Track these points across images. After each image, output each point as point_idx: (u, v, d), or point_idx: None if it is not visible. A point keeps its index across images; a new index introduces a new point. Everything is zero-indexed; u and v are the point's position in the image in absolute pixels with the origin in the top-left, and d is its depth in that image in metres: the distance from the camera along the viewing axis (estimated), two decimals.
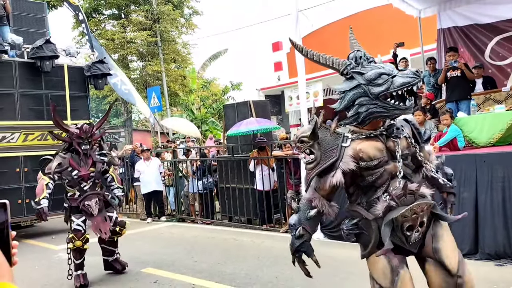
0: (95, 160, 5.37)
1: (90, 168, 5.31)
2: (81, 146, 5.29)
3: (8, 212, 0.73)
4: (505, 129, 5.77)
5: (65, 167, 5.24)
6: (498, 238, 4.91)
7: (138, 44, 19.06)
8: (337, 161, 2.32)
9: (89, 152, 5.33)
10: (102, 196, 5.39)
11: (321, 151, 2.38)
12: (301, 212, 2.49)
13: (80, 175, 5.25)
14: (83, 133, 5.30)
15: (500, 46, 8.28)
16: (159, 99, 14.85)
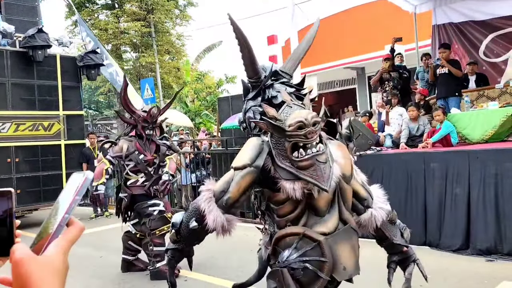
0: (158, 144, 5.24)
1: (154, 154, 5.19)
2: (145, 130, 5.12)
3: (13, 200, 0.72)
4: (498, 126, 5.80)
5: (133, 151, 5.06)
6: (490, 234, 4.95)
7: (131, 34, 18.92)
8: None
9: (151, 137, 5.19)
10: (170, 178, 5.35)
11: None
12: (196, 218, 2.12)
13: (146, 159, 5.11)
14: (149, 117, 5.13)
15: (495, 43, 8.30)
16: (152, 91, 14.76)
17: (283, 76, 2.29)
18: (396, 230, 2.41)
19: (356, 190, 2.20)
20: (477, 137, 5.94)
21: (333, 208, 2.05)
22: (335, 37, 15.58)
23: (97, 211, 9.81)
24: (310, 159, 1.87)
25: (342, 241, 2.00)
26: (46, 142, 9.21)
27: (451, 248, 5.20)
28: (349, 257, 2.01)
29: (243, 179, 2.04)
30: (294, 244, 1.97)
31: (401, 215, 5.71)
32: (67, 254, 0.77)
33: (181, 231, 2.19)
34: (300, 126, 1.84)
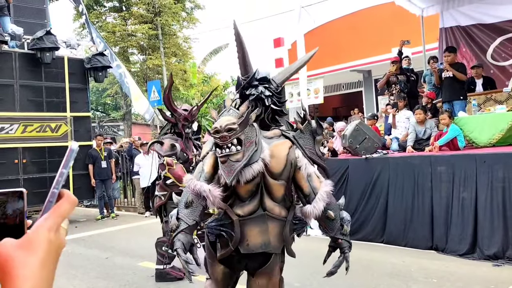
0: (195, 144, 5.25)
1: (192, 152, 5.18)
2: (185, 129, 5.08)
3: (25, 200, 0.73)
4: (505, 130, 5.75)
5: (180, 149, 5.02)
6: (497, 238, 4.91)
7: (139, 37, 19.00)
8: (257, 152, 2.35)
9: (189, 136, 5.17)
10: None
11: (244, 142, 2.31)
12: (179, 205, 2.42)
13: (187, 158, 5.09)
14: (190, 116, 5.08)
15: (504, 46, 8.24)
16: (159, 93, 14.78)
17: (270, 82, 2.61)
18: (333, 224, 2.58)
19: (301, 186, 2.49)
20: (484, 141, 5.89)
21: (254, 197, 2.43)
22: (342, 39, 15.55)
23: (103, 212, 9.86)
24: (223, 157, 2.27)
25: (252, 224, 2.43)
26: (53, 143, 9.27)
27: (458, 253, 5.16)
28: (255, 237, 2.43)
29: (208, 159, 2.49)
30: (218, 215, 2.53)
31: (408, 218, 5.71)
32: (58, 230, 0.70)
33: (180, 214, 2.42)
34: (216, 131, 2.25)
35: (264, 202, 2.44)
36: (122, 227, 8.77)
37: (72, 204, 0.74)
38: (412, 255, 5.30)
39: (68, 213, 0.73)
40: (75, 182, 9.51)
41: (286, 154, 2.41)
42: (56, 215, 0.72)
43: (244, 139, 2.28)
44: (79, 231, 8.39)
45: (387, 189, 5.93)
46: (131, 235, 7.91)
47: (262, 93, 2.52)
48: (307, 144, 2.52)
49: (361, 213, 6.19)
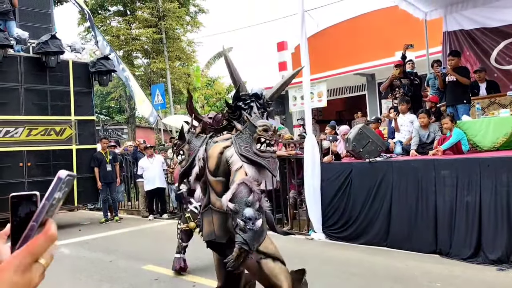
0: None
1: None
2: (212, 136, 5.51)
3: (38, 203, 0.73)
4: (509, 134, 5.75)
5: None
6: (501, 243, 4.89)
7: (143, 41, 19.07)
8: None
9: None
10: None
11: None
12: (253, 205, 2.46)
13: None
14: (215, 123, 5.36)
15: (508, 50, 8.22)
16: (163, 97, 14.88)
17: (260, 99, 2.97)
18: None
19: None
20: (488, 145, 5.88)
21: (207, 192, 2.76)
22: (345, 43, 15.56)
23: (107, 216, 9.89)
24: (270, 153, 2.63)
25: (204, 216, 2.79)
26: (57, 146, 9.33)
27: (462, 257, 5.15)
28: (206, 227, 2.78)
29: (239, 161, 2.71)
30: None
31: (412, 222, 5.70)
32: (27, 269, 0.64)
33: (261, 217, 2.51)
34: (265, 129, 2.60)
35: (209, 197, 2.74)
36: (125, 230, 8.79)
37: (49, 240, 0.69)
38: (416, 259, 5.29)
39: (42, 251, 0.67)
40: (79, 185, 9.56)
41: (218, 153, 2.69)
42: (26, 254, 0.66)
43: None
44: (83, 234, 8.42)
45: (390, 192, 5.92)
46: (135, 239, 7.93)
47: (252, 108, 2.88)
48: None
49: (365, 217, 6.18)
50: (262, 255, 2.72)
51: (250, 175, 2.53)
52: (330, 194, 6.63)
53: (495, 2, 8.18)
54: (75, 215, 10.95)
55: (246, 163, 2.55)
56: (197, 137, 2.94)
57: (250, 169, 2.56)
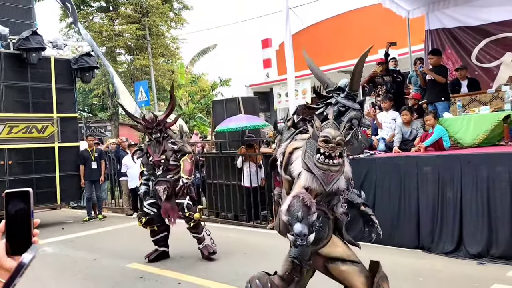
0: (166, 148, 5.63)
1: (162, 156, 5.60)
2: (152, 134, 5.63)
3: (31, 200, 0.73)
4: (489, 130, 5.86)
5: (144, 153, 5.75)
6: (481, 237, 5.00)
7: (126, 37, 18.86)
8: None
9: (161, 140, 5.62)
10: (171, 183, 5.61)
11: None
12: (305, 220, 2.40)
13: (153, 160, 5.62)
14: (147, 123, 5.60)
15: (488, 48, 8.37)
16: (146, 94, 14.75)
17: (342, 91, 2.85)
18: None
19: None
20: (469, 141, 5.99)
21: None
22: (329, 41, 15.66)
23: (91, 214, 9.79)
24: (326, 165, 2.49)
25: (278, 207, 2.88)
26: (39, 144, 9.19)
27: (444, 252, 5.25)
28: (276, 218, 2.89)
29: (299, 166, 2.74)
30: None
31: (394, 218, 5.78)
32: None
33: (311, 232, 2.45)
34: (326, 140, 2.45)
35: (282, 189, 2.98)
36: (109, 228, 8.71)
37: None
38: (399, 255, 5.37)
39: None
40: (62, 184, 9.44)
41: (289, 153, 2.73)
42: None
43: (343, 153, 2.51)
44: (66, 232, 8.33)
45: (374, 189, 5.99)
46: (119, 237, 7.87)
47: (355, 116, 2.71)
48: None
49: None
50: (329, 260, 2.71)
51: (305, 183, 2.49)
52: None
53: (476, 1, 8.32)
54: (57, 213, 10.81)
55: (305, 170, 2.52)
56: (288, 129, 2.92)
57: (307, 176, 2.51)
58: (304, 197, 2.42)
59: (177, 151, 5.67)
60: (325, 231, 2.64)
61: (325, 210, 2.65)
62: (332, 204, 2.70)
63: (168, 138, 5.66)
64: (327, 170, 2.42)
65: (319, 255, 2.66)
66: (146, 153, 5.71)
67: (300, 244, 2.36)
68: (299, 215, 2.37)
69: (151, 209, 5.75)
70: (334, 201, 2.70)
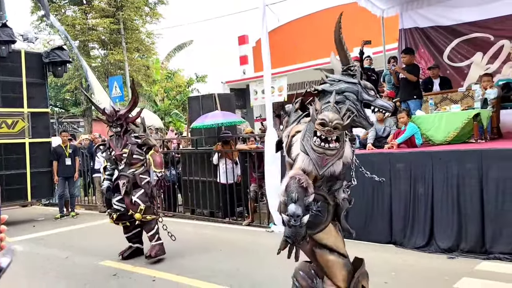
0: (128, 142, 5.53)
1: (123, 150, 5.50)
2: (112, 128, 5.56)
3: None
4: (460, 128, 6.01)
5: (107, 147, 5.71)
6: (452, 233, 5.13)
7: (100, 31, 18.49)
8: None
9: (121, 134, 5.52)
10: (131, 178, 5.50)
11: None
12: (300, 201, 2.38)
13: (114, 155, 5.56)
14: (108, 117, 5.53)
15: (460, 48, 8.59)
16: (121, 89, 14.48)
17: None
18: None
19: None
20: (440, 139, 6.14)
21: None
22: (306, 38, 15.74)
23: (63, 211, 9.59)
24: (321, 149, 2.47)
25: None
26: (9, 140, 8.93)
27: (416, 246, 5.37)
28: None
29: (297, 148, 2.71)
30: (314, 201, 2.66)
31: (368, 214, 5.87)
32: None
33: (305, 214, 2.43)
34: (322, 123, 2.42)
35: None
36: (82, 226, 8.56)
37: None
38: (373, 250, 5.46)
39: None
40: (33, 180, 9.21)
41: (291, 136, 2.69)
42: None
43: (341, 138, 2.46)
44: (37, 230, 8.14)
45: None
46: (92, 234, 7.74)
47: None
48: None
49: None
50: (318, 245, 2.68)
51: (302, 165, 2.47)
52: None
53: (448, 1, 8.51)
54: (28, 211, 10.54)
55: (302, 152, 2.50)
56: (296, 111, 2.89)
57: (304, 158, 2.49)
58: (300, 178, 2.40)
59: (141, 145, 5.60)
60: (324, 216, 2.63)
61: (325, 195, 2.64)
62: (333, 189, 2.69)
63: (131, 132, 5.58)
64: (322, 154, 2.43)
65: (310, 238, 2.65)
66: (109, 147, 5.65)
67: (294, 224, 2.35)
68: (293, 196, 2.37)
69: (120, 205, 5.67)
70: (336, 186, 2.69)
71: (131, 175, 5.51)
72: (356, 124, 2.67)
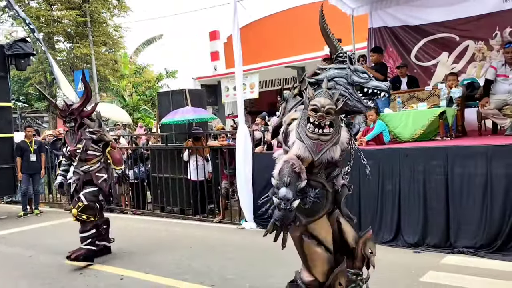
0: (83, 137, 5.34)
1: (77, 145, 5.31)
2: (66, 123, 5.39)
3: None
4: (426, 126, 6.16)
5: (62, 143, 5.61)
6: (418, 227, 5.26)
7: (65, 23, 17.97)
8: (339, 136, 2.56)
9: (75, 129, 5.34)
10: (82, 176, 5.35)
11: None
12: (291, 186, 2.39)
13: (69, 150, 5.42)
14: (60, 111, 5.39)
15: (427, 47, 8.78)
16: None
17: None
18: None
19: None
20: (407, 136, 6.27)
21: None
22: (277, 35, 15.77)
23: (26, 209, 9.27)
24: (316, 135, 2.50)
25: None
26: None
27: (383, 241, 5.47)
28: None
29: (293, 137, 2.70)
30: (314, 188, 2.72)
31: None
32: None
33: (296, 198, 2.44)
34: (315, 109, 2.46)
35: None
36: (46, 224, 8.30)
37: None
38: None
39: None
40: None
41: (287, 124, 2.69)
42: None
43: (335, 123, 2.49)
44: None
45: None
46: (57, 232, 7.51)
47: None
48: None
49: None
50: (308, 234, 2.67)
51: (298, 152, 2.47)
52: (261, 184, 6.72)
53: (416, 1, 8.68)
54: None
55: (298, 139, 2.52)
56: (294, 97, 2.88)
57: (299, 146, 2.50)
58: (294, 163, 2.42)
59: (97, 141, 5.43)
60: (322, 203, 2.64)
61: (323, 182, 2.64)
62: (332, 176, 2.70)
63: (86, 127, 5.39)
64: (316, 140, 2.45)
65: (304, 226, 2.65)
66: (64, 143, 5.52)
67: (283, 208, 2.35)
68: (285, 179, 2.38)
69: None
70: (335, 172, 2.71)
71: (82, 173, 5.34)
72: (351, 109, 2.64)
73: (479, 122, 6.70)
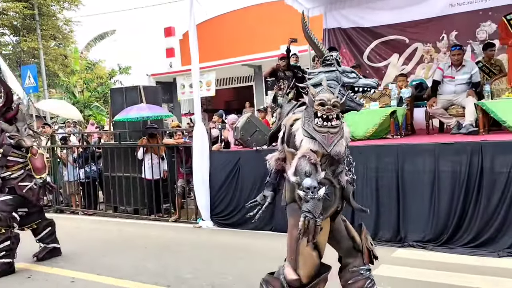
0: (4, 142, 4.92)
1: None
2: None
3: None
4: (378, 124, 6.36)
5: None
6: (371, 222, 5.42)
7: (11, 16, 17.09)
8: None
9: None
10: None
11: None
12: (313, 175, 2.40)
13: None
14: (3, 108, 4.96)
15: (378, 49, 9.07)
16: (35, 79, 13.48)
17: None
18: None
19: None
20: (360, 134, 6.45)
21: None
22: (234, 33, 15.77)
23: None
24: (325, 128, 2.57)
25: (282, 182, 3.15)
26: None
27: None
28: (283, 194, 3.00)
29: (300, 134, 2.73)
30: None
31: None
32: None
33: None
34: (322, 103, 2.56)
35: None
36: None
37: None
38: None
39: None
40: None
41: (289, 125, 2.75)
42: None
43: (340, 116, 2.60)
44: None
45: None
46: None
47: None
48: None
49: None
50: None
51: (309, 147, 2.51)
52: (218, 182, 6.69)
53: (368, 3, 8.93)
54: None
55: (306, 137, 2.54)
56: (289, 102, 2.99)
57: (309, 141, 2.53)
58: (310, 155, 2.45)
59: (17, 147, 5.02)
60: (332, 199, 2.67)
61: (331, 178, 2.68)
62: (337, 173, 2.75)
63: (5, 132, 4.99)
64: (326, 133, 2.53)
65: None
66: None
67: (312, 197, 2.33)
68: (307, 169, 2.40)
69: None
70: (339, 169, 2.75)
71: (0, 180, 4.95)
72: (345, 107, 2.74)
73: (427, 121, 7.01)
